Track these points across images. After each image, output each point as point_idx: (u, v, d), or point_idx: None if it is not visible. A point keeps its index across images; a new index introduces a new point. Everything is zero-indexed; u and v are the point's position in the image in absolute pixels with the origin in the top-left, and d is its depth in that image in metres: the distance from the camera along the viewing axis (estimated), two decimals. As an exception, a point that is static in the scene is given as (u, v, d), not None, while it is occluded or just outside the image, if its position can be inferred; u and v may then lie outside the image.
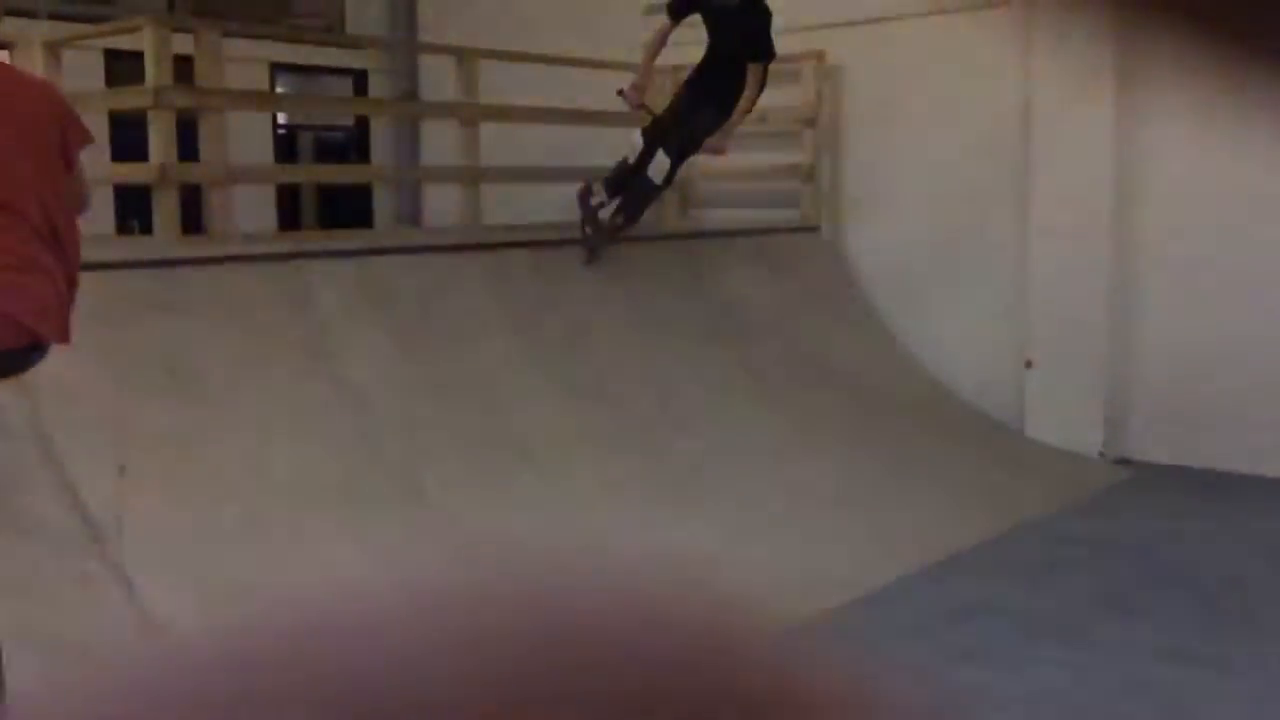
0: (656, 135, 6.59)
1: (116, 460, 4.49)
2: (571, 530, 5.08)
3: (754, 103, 6.60)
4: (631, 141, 6.70)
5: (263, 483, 4.82)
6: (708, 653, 0.34)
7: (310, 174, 9.78)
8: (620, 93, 6.54)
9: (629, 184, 6.76)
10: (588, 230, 6.95)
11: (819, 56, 8.36)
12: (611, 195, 6.83)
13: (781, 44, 8.36)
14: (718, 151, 6.84)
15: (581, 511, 5.39)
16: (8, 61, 4.56)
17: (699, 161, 8.52)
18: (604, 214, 6.92)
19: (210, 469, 4.76)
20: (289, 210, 10.05)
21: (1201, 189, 7.10)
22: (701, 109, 6.62)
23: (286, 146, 10.39)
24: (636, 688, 0.32)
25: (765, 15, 6.48)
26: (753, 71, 6.51)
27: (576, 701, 0.31)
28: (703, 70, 6.69)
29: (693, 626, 0.35)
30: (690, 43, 9.05)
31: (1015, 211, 7.75)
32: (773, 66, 8.44)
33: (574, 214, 7.12)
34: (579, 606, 0.35)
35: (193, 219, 6.45)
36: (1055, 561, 5.56)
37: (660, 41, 6.52)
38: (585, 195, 6.89)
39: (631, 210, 6.91)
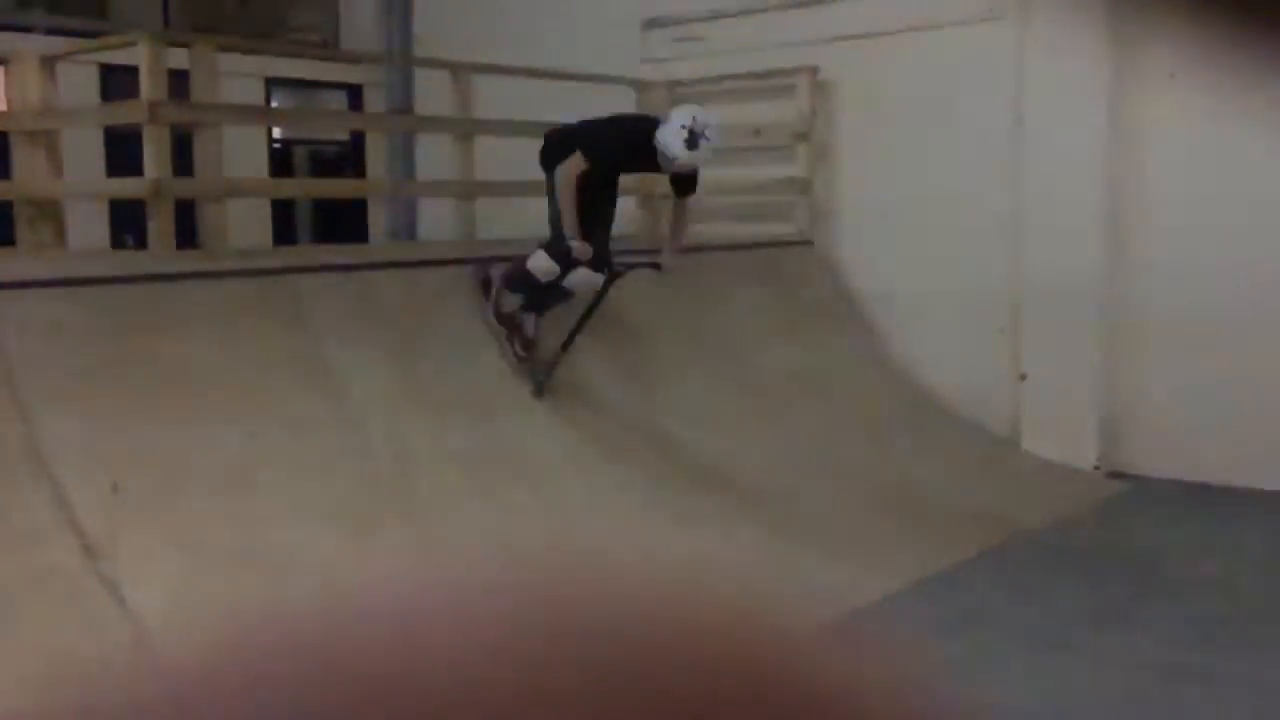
0: (574, 256, 5.90)
1: (110, 476, 4.48)
2: (569, 542, 5.06)
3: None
4: (539, 266, 5.97)
5: (257, 498, 4.81)
6: (718, 658, 0.34)
7: (305, 189, 9.79)
8: (571, 250, 5.83)
9: (539, 292, 6.13)
10: (517, 349, 6.21)
11: (812, 71, 8.40)
12: (525, 302, 6.21)
13: (775, 58, 8.43)
14: (670, 267, 6.26)
15: (578, 524, 5.38)
16: None
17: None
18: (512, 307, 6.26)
19: (204, 484, 4.74)
20: (284, 224, 10.05)
21: (1197, 198, 7.12)
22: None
23: (281, 161, 10.39)
24: (654, 693, 0.32)
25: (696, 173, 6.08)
26: (682, 204, 6.19)
27: (598, 704, 0.31)
28: (607, 194, 6.12)
29: (702, 632, 0.35)
30: (682, 57, 9.10)
31: (1008, 224, 7.76)
32: (767, 81, 8.51)
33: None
34: (588, 611, 0.35)
35: (187, 234, 6.45)
36: (1051, 574, 5.56)
37: (578, 184, 5.84)
38: (486, 288, 6.29)
39: (538, 309, 6.24)
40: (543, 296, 6.16)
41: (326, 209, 10.39)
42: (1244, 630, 4.83)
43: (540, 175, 6.16)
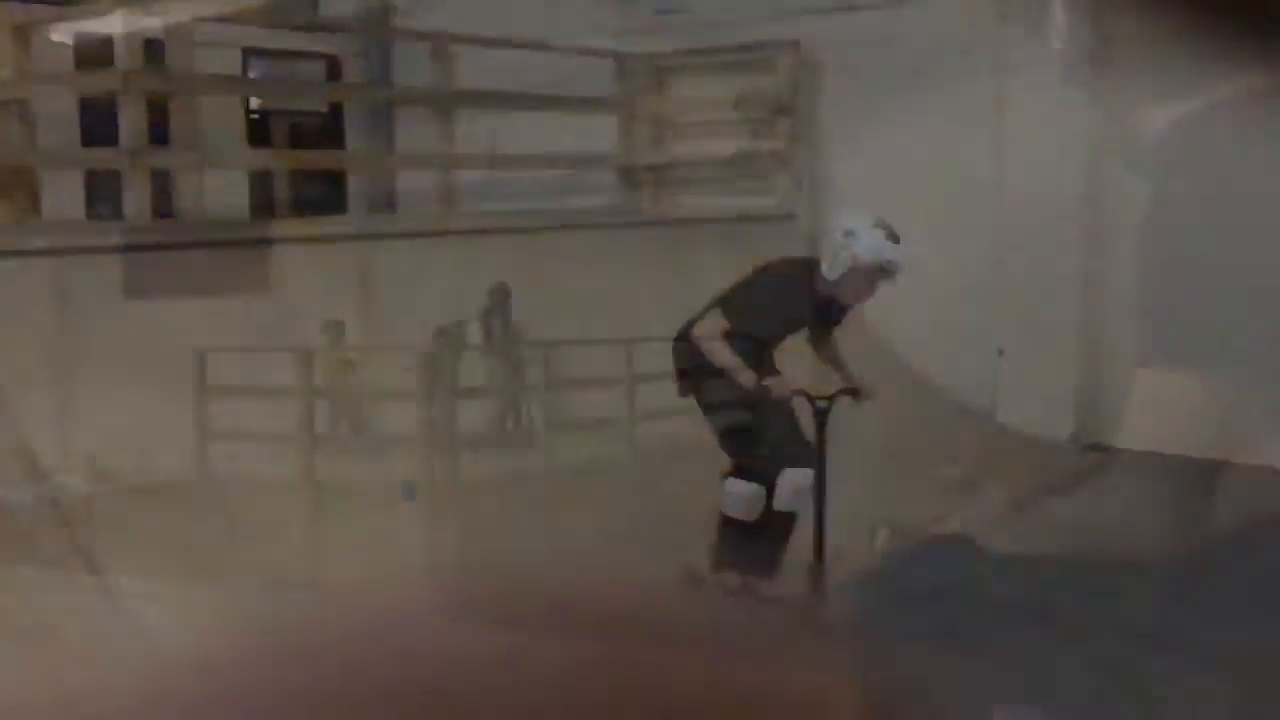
0: (774, 459, 4.70)
1: (88, 449, 4.46)
2: (560, 515, 5.08)
3: None
4: (735, 498, 4.67)
5: (236, 470, 4.80)
6: (688, 644, 0.34)
7: (282, 159, 9.68)
8: (767, 388, 4.68)
9: (755, 541, 4.71)
10: (768, 599, 4.64)
11: (794, 44, 8.38)
12: (744, 569, 4.68)
13: (757, 31, 8.39)
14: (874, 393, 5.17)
15: (567, 507, 5.39)
16: None
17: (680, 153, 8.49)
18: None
19: (181, 459, 4.73)
20: (261, 195, 9.96)
21: (1175, 176, 7.15)
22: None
23: (259, 131, 10.29)
24: (620, 684, 0.32)
25: None
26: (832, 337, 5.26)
27: (567, 699, 0.31)
28: (766, 368, 4.86)
29: (672, 620, 0.35)
30: (662, 30, 9.03)
31: (988, 198, 7.78)
32: (749, 55, 8.49)
33: (546, 200, 7.00)
34: (563, 596, 0.35)
35: (163, 204, 6.39)
36: (1026, 546, 5.60)
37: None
38: (699, 584, 4.65)
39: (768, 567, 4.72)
40: (759, 546, 4.68)
41: (304, 180, 10.29)
42: (1216, 601, 4.88)
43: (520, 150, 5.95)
